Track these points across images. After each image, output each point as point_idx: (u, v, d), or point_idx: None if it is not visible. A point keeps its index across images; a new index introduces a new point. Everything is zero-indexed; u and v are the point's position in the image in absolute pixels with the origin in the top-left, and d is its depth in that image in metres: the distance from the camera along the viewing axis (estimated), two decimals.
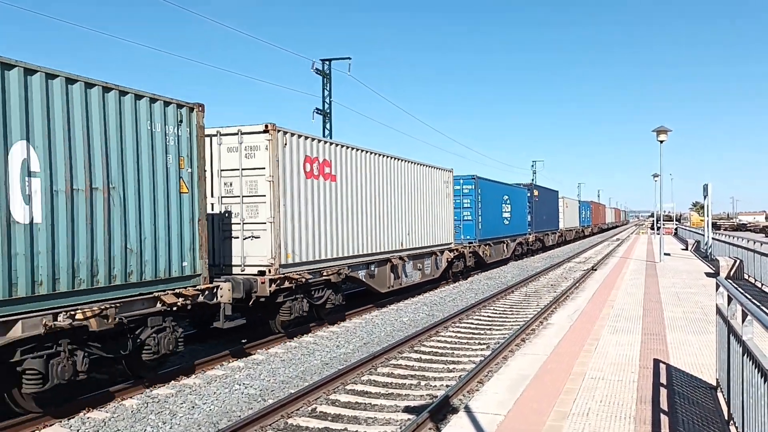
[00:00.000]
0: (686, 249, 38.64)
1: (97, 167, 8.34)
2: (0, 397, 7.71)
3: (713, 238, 29.72)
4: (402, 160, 18.77)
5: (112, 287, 8.50)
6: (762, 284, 18.64)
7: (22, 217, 7.32)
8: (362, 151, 16.04)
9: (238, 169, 12.28)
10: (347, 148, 15.25)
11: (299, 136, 13.10)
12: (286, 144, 12.54)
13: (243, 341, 12.55)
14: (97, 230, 8.28)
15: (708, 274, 21.52)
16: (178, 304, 9.43)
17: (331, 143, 14.72)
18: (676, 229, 67.65)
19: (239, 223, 12.26)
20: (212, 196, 12.30)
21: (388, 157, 17.72)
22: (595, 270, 25.77)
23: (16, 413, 7.81)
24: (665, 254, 29.63)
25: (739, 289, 5.87)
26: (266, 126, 12.05)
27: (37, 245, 7.49)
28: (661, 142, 26.26)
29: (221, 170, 12.40)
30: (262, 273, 11.88)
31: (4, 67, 7.20)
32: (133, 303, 8.80)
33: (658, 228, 40.17)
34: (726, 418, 6.07)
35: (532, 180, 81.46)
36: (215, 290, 10.39)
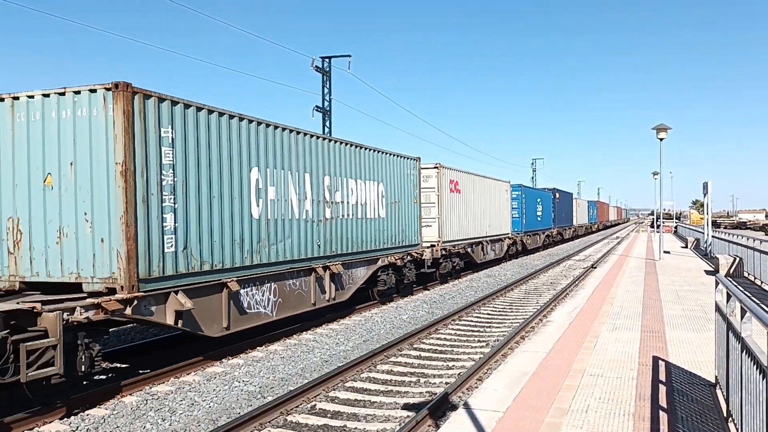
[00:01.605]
0: (686, 247, 38.65)
1: (397, 191, 18.08)
2: (368, 290, 17.27)
3: (713, 236, 29.71)
4: (486, 178, 28.54)
5: (397, 247, 18.00)
6: (761, 282, 18.66)
7: (384, 215, 17.10)
8: (470, 174, 25.80)
9: (419, 187, 20.57)
10: (464, 173, 25.04)
11: (448, 168, 22.82)
12: (444, 175, 22.22)
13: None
14: (396, 221, 17.92)
15: (707, 272, 21.53)
16: (415, 256, 19.23)
17: (458, 171, 24.16)
18: (675, 227, 67.60)
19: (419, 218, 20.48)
20: None
21: (479, 176, 27.34)
22: (595, 268, 25.78)
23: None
24: (665, 252, 29.64)
25: (739, 286, 5.87)
26: (436, 164, 21.92)
27: (382, 226, 17.05)
28: (661, 139, 26.25)
29: None
30: (432, 246, 21.00)
31: (416, 161, 19.57)
32: (404, 255, 18.22)
33: (658, 226, 40.15)
34: (725, 415, 6.08)
35: (532, 178, 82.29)
36: (423, 252, 19.85)
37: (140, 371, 10.04)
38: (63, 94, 8.96)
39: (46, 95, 9.06)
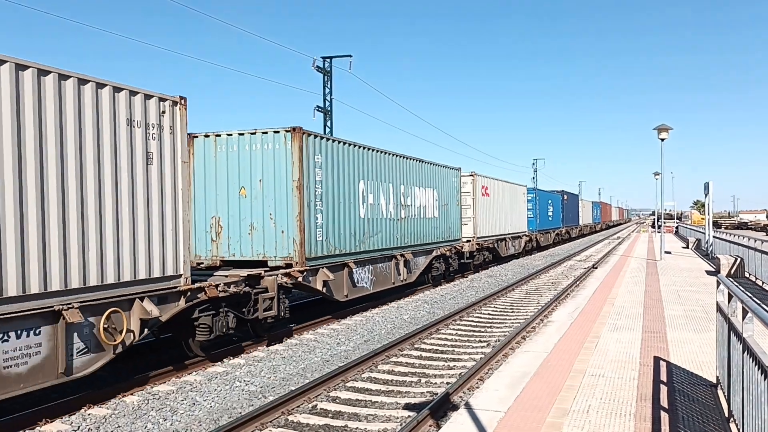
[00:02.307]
0: (687, 247, 38.62)
1: (445, 195, 22.39)
2: (424, 275, 20.89)
3: (714, 237, 29.69)
4: (508, 183, 32.80)
5: (446, 241, 22.27)
6: (763, 282, 18.65)
7: (437, 215, 21.55)
8: (496, 179, 30.01)
9: (460, 192, 24.63)
10: (492, 179, 29.19)
11: (480, 176, 27.15)
12: (477, 181, 26.58)
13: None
14: (445, 220, 22.24)
15: (709, 272, 21.51)
16: (457, 249, 23.55)
17: (487, 177, 28.44)
18: (676, 227, 67.55)
19: (460, 217, 24.51)
20: None
21: (503, 181, 31.52)
22: (596, 268, 25.77)
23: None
24: (666, 252, 29.64)
25: (740, 287, 5.88)
26: (471, 173, 26.24)
27: (436, 224, 21.41)
28: (663, 140, 26.23)
29: None
30: (468, 241, 25.08)
31: (454, 171, 24.16)
32: (450, 248, 22.74)
33: (659, 226, 40.15)
34: (726, 415, 6.08)
35: (533, 178, 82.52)
36: (463, 246, 24.20)
37: (145, 372, 10.05)
38: (254, 133, 13.17)
39: (241, 134, 13.24)
